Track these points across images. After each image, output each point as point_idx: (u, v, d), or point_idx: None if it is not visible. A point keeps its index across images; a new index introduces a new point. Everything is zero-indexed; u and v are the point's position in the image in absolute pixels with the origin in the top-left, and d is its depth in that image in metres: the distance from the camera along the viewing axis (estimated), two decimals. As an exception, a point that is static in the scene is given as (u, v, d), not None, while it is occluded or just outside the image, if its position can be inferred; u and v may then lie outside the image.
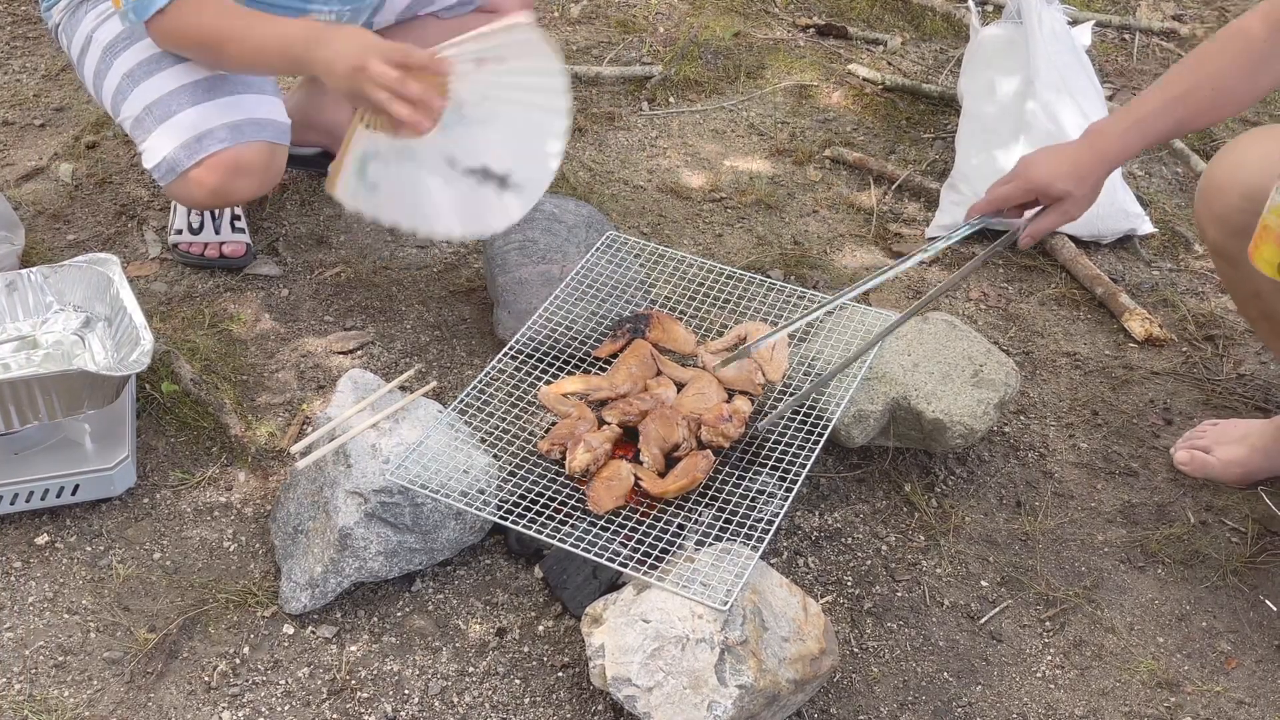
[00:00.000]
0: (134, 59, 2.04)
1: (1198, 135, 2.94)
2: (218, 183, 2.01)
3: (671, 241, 2.49)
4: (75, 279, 1.94)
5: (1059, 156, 1.78)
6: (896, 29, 3.39)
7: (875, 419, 1.89)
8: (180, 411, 2.00)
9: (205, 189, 2.02)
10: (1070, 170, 1.75)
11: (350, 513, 1.67)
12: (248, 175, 2.03)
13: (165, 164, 2.00)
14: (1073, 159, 1.77)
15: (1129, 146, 1.77)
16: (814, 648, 1.55)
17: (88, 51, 2.11)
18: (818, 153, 2.82)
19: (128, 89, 2.03)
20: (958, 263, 2.49)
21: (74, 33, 2.14)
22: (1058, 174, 1.75)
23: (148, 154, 2.03)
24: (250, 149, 2.00)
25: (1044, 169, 1.76)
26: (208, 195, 2.04)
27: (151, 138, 2.01)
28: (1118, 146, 1.76)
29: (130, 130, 2.06)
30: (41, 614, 1.69)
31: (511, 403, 1.91)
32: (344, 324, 2.23)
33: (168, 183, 2.03)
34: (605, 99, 2.99)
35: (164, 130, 2.00)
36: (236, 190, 2.04)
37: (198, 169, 1.99)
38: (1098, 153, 1.76)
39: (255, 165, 2.02)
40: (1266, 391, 2.20)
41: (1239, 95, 1.75)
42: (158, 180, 2.04)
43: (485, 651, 1.68)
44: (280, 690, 1.62)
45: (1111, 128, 1.78)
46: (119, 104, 2.06)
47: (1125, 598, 1.83)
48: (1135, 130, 1.76)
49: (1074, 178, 1.74)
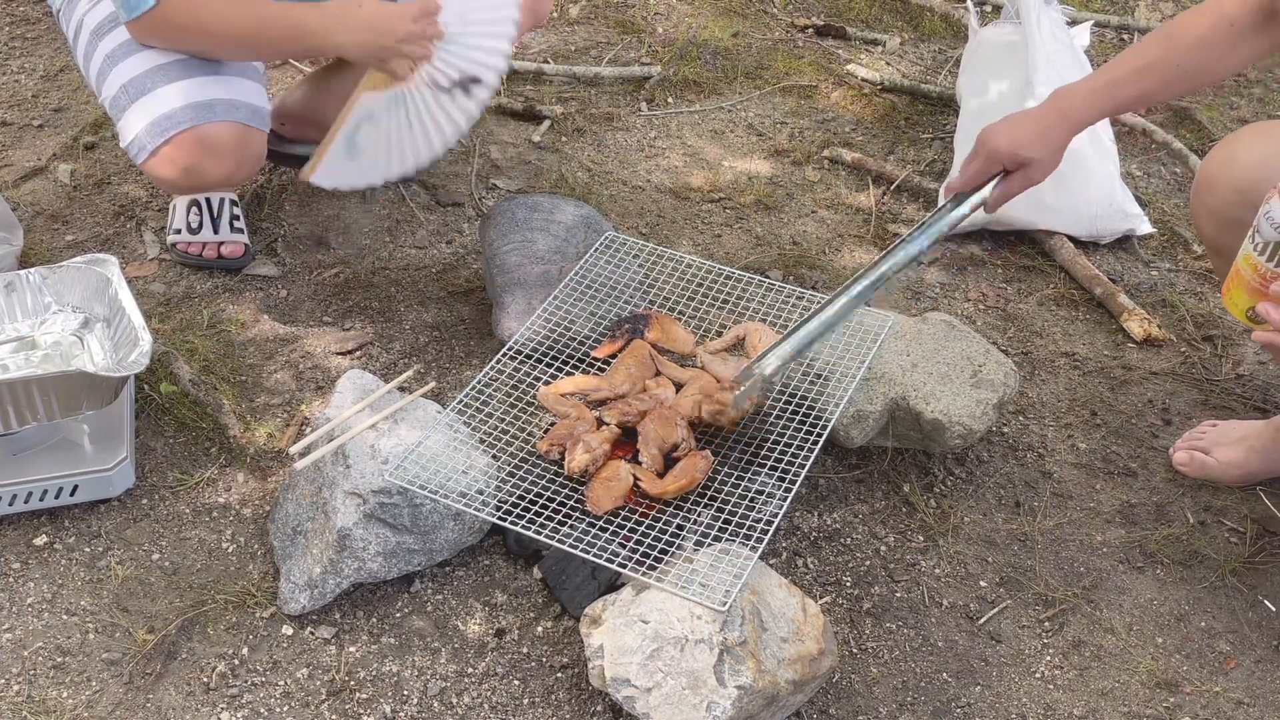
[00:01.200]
0: (115, 41, 2.08)
1: (1196, 136, 2.94)
2: (188, 161, 2.04)
3: (670, 242, 2.49)
4: (74, 280, 1.94)
5: (1023, 123, 1.79)
6: (895, 29, 3.39)
7: (874, 419, 1.89)
8: (179, 412, 2.00)
9: (177, 167, 2.05)
10: (1035, 136, 1.77)
11: (349, 513, 1.67)
12: (218, 155, 2.05)
13: (137, 142, 2.05)
14: (1037, 125, 1.78)
15: (1093, 111, 1.79)
16: (813, 648, 1.55)
17: (80, 36, 2.16)
18: (816, 153, 2.82)
19: (107, 70, 2.08)
20: (957, 263, 2.49)
21: (71, 17, 2.20)
22: (1021, 141, 1.77)
23: (122, 132, 2.08)
24: (220, 128, 2.03)
25: (1007, 138, 1.77)
26: (180, 174, 2.07)
27: (125, 115, 2.05)
28: (1082, 110, 1.78)
29: (109, 110, 2.11)
30: (40, 615, 1.69)
31: (510, 403, 1.91)
32: (343, 324, 2.23)
33: (141, 161, 2.08)
34: (604, 99, 2.99)
35: (137, 108, 2.03)
36: (208, 171, 2.07)
37: (167, 146, 2.02)
38: (1062, 115, 1.78)
39: (225, 145, 2.05)
40: (1265, 392, 2.20)
41: (1207, 72, 1.77)
42: (132, 159, 2.09)
43: (484, 652, 1.68)
44: (279, 691, 1.62)
45: (1077, 91, 1.79)
46: (101, 85, 2.11)
47: (1124, 598, 1.83)
48: (1101, 95, 1.77)
49: (1038, 143, 1.76)
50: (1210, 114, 3.02)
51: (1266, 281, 1.44)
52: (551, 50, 3.17)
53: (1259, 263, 1.44)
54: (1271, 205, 1.42)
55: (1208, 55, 1.74)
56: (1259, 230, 1.44)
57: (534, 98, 2.95)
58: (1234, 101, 3.12)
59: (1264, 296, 1.45)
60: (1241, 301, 1.49)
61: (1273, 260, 1.43)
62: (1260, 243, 1.44)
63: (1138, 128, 2.93)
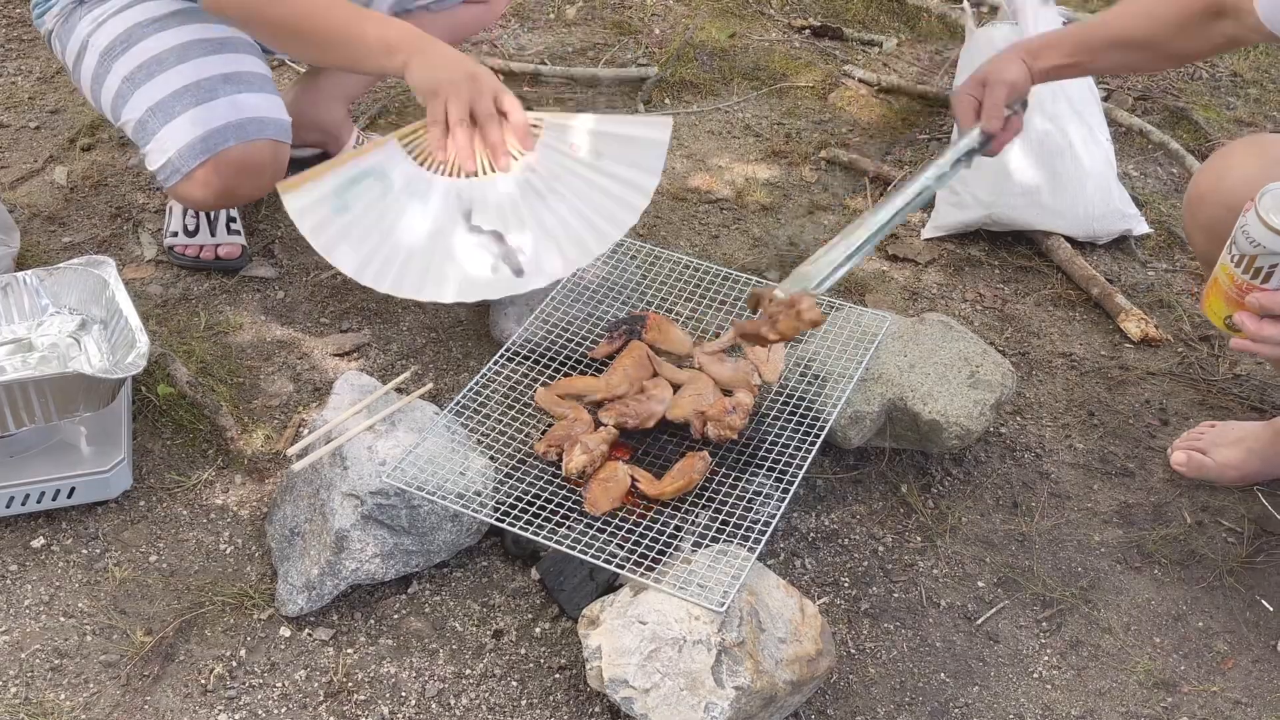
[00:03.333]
0: (133, 62, 2.03)
1: (1193, 137, 2.94)
2: (224, 183, 2.01)
3: (667, 243, 2.49)
4: (71, 281, 1.93)
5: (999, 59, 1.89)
6: (892, 30, 3.40)
7: (871, 420, 1.89)
8: (176, 414, 2.00)
9: (211, 189, 2.02)
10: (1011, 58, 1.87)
11: (346, 515, 1.67)
12: (253, 174, 2.02)
13: (170, 166, 2.00)
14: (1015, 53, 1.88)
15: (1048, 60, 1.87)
16: (811, 649, 1.55)
17: (84, 57, 2.10)
18: (813, 154, 2.82)
19: (128, 92, 2.03)
20: (954, 264, 2.49)
21: (69, 38, 2.13)
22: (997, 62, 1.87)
23: (151, 156, 2.02)
24: (255, 147, 2.00)
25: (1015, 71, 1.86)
26: (214, 196, 2.04)
27: (155, 140, 2.00)
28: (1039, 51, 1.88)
29: (133, 134, 2.05)
30: (37, 617, 1.69)
31: (508, 404, 1.91)
32: (340, 326, 2.23)
33: (172, 184, 2.03)
34: (601, 100, 2.99)
35: (168, 132, 1.99)
36: (242, 189, 2.04)
37: (202, 169, 1.99)
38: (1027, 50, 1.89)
39: (260, 164, 2.02)
40: (1263, 392, 2.20)
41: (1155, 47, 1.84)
42: (161, 182, 2.04)
43: (482, 653, 1.68)
44: (277, 693, 1.62)
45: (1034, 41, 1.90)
46: (119, 108, 2.05)
47: (1122, 598, 1.83)
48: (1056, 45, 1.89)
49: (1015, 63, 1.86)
50: (1207, 114, 3.03)
51: (1243, 292, 1.47)
52: (548, 51, 3.17)
53: (1235, 274, 1.47)
54: (1247, 219, 1.45)
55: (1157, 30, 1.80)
56: (1235, 242, 1.47)
57: (531, 99, 2.95)
58: (1230, 102, 3.13)
59: (1241, 306, 1.48)
60: (1220, 309, 1.52)
61: (1248, 272, 1.46)
62: (1236, 255, 1.47)
63: (1134, 128, 2.94)
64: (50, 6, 2.16)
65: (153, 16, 2.06)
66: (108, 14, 2.08)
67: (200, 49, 2.03)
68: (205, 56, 2.02)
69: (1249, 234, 1.44)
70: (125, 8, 2.08)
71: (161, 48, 2.03)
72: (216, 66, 2.02)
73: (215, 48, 2.04)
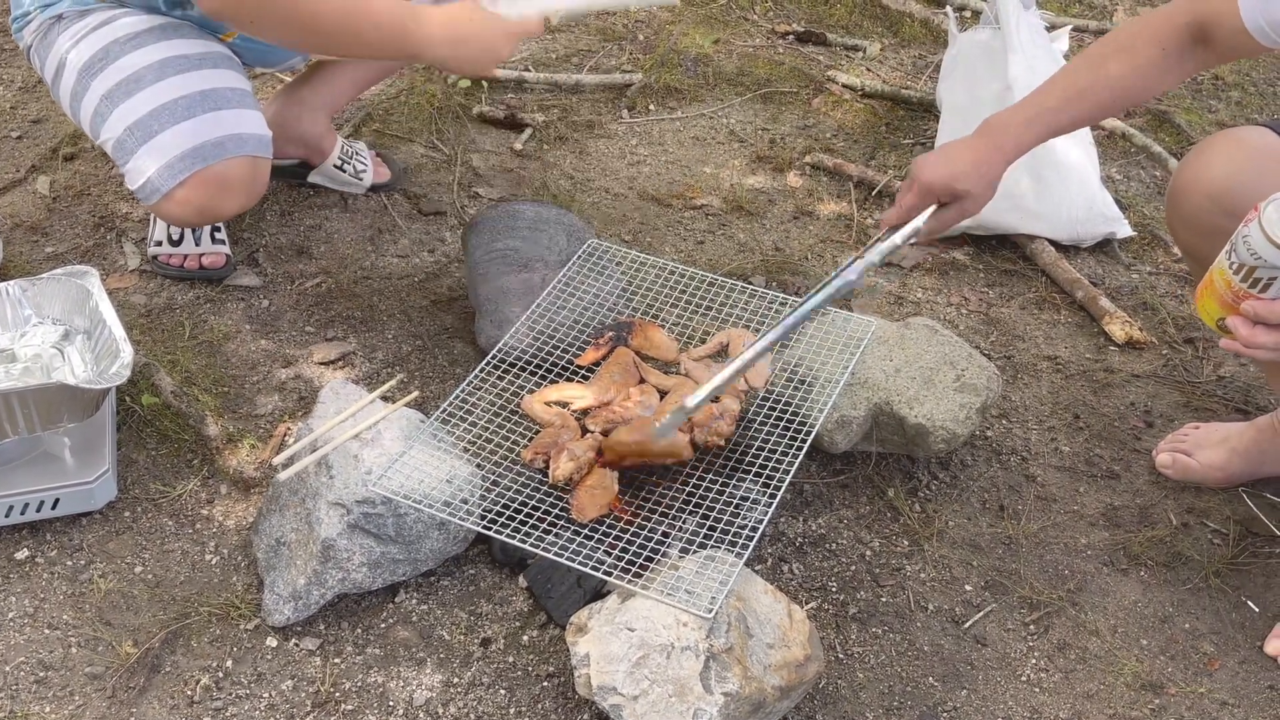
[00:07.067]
0: (111, 80, 2.01)
1: (1175, 140, 2.96)
2: (203, 201, 2.00)
3: (653, 249, 2.49)
4: (54, 292, 1.93)
5: (957, 155, 1.79)
6: (875, 35, 3.41)
7: (858, 424, 1.90)
8: (161, 424, 1.99)
9: (191, 207, 2.00)
10: (969, 168, 1.77)
11: (333, 524, 1.67)
12: (233, 191, 2.01)
13: (149, 185, 1.98)
14: (972, 157, 1.78)
15: (1028, 141, 1.79)
16: (799, 654, 1.55)
17: (62, 74, 2.08)
18: (798, 159, 2.83)
19: (106, 110, 2.01)
20: (939, 268, 2.49)
21: (47, 54, 2.11)
22: (957, 174, 1.77)
23: (131, 175, 2.01)
24: (234, 164, 1.99)
25: (942, 170, 1.77)
26: (194, 213, 2.02)
27: (134, 159, 1.99)
28: (1014, 142, 1.78)
29: (112, 152, 2.03)
30: (21, 629, 1.68)
31: (494, 412, 1.90)
32: (325, 334, 2.22)
33: (153, 203, 2.02)
34: (585, 107, 2.99)
35: (146, 151, 1.97)
36: (223, 207, 2.03)
37: (181, 188, 1.97)
38: (996, 147, 1.78)
39: (240, 181, 2.01)
40: (1247, 393, 2.21)
41: (1138, 96, 1.81)
42: (141, 201, 2.03)
43: (470, 662, 1.67)
44: (264, 703, 1.61)
45: (1010, 121, 1.80)
46: (98, 126, 2.03)
47: (1108, 600, 1.83)
48: (1035, 125, 1.78)
49: (973, 176, 1.77)
50: (1189, 117, 3.04)
51: (1239, 299, 1.47)
52: (533, 58, 3.17)
53: (1232, 280, 1.47)
54: (1250, 230, 1.42)
55: (1139, 81, 1.76)
56: (1235, 249, 1.46)
57: (515, 105, 2.95)
58: (1212, 105, 3.14)
59: (1235, 311, 1.48)
60: (1213, 310, 1.52)
61: (1246, 281, 1.45)
62: (1235, 262, 1.46)
63: (1117, 131, 2.95)
64: (28, 22, 2.14)
65: (131, 33, 2.04)
66: (85, 30, 2.06)
67: (178, 65, 2.01)
68: (183, 73, 2.01)
69: (1250, 245, 1.42)
70: (103, 24, 2.06)
71: (139, 65, 2.01)
72: (195, 83, 2.00)
73: (194, 64, 2.03)
